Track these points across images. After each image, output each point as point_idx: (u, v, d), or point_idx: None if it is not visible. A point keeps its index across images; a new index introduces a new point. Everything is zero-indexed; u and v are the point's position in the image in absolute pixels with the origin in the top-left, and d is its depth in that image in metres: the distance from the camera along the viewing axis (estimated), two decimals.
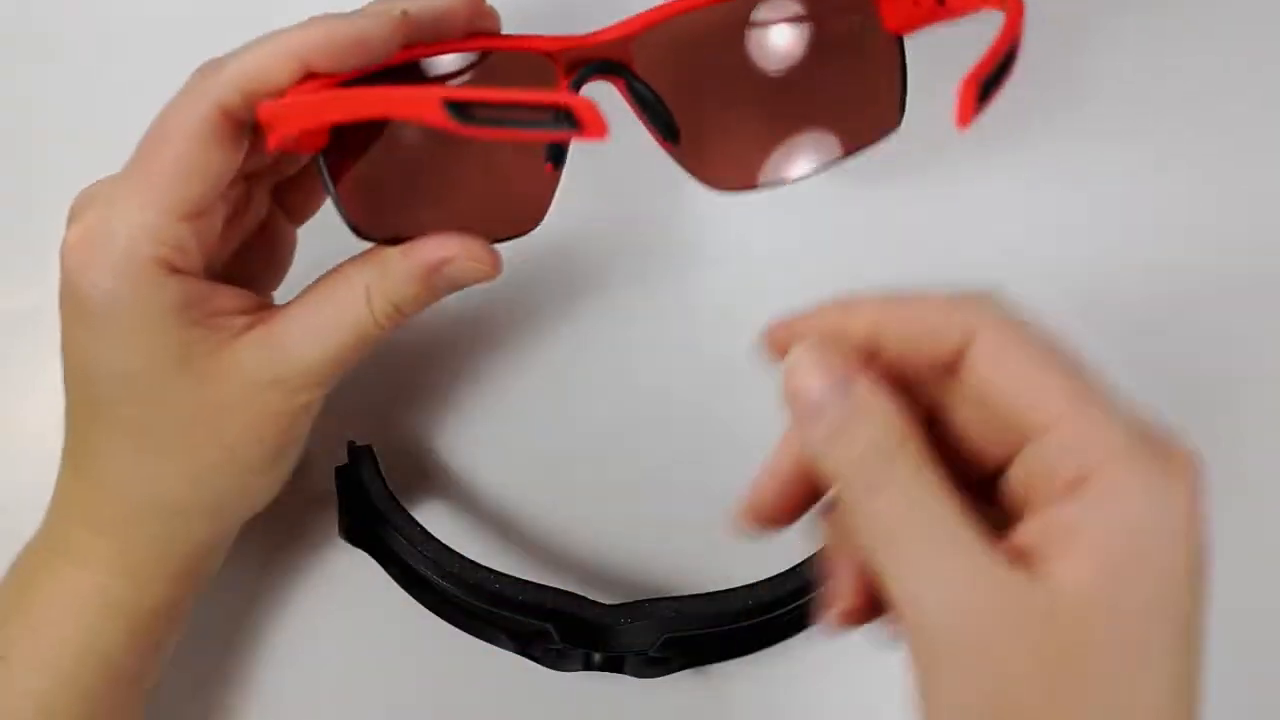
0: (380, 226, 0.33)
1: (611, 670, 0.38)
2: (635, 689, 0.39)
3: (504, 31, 0.34)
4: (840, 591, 0.28)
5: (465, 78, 0.33)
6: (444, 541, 0.37)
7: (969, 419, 0.27)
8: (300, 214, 0.37)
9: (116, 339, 0.31)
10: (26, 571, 0.34)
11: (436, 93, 0.25)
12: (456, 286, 0.33)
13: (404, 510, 0.37)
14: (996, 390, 0.25)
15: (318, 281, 0.33)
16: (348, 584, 0.40)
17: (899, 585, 0.25)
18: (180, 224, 0.30)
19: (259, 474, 0.34)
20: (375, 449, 0.38)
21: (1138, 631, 0.24)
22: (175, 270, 0.31)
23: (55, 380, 0.37)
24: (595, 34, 0.34)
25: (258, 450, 0.33)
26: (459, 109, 0.25)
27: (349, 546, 0.39)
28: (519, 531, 0.40)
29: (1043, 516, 0.25)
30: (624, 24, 0.34)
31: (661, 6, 0.34)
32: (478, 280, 0.33)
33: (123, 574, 0.33)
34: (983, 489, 0.27)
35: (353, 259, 0.33)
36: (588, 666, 0.38)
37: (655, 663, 0.38)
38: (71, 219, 0.32)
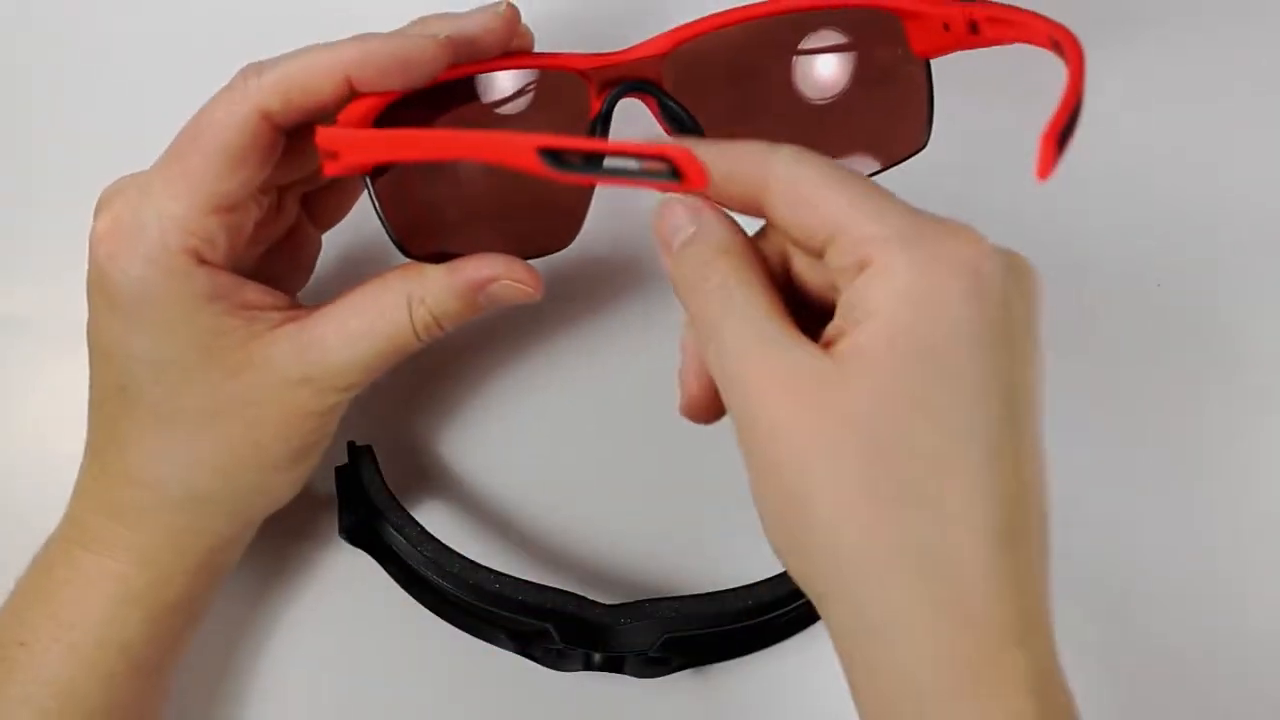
0: (425, 245, 0.33)
1: (611, 670, 0.38)
2: (635, 689, 0.39)
3: (537, 49, 0.35)
4: (685, 383, 0.31)
5: (502, 98, 0.34)
6: (444, 541, 0.37)
7: (798, 259, 0.30)
8: (326, 221, 0.38)
9: (147, 327, 0.31)
10: (47, 562, 0.34)
11: (533, 141, 0.25)
12: (499, 305, 0.33)
13: (404, 510, 0.37)
14: (792, 222, 0.28)
15: (358, 287, 0.33)
16: (348, 584, 0.40)
17: (718, 374, 0.28)
18: (211, 217, 0.31)
19: (282, 471, 0.34)
20: (375, 449, 0.38)
21: (920, 387, 0.26)
22: (204, 262, 0.31)
23: (55, 380, 0.37)
24: (627, 51, 0.34)
25: (283, 448, 0.33)
26: (555, 157, 0.25)
27: (349, 546, 0.39)
28: (519, 531, 0.40)
29: (842, 302, 0.27)
30: (655, 41, 0.34)
31: (692, 24, 0.35)
32: (519, 300, 0.33)
33: (143, 565, 0.33)
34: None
35: (397, 268, 0.33)
36: (588, 666, 0.38)
37: (655, 663, 0.38)
38: (100, 209, 0.32)
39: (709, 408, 0.30)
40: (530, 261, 0.34)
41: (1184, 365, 0.42)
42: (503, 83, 0.34)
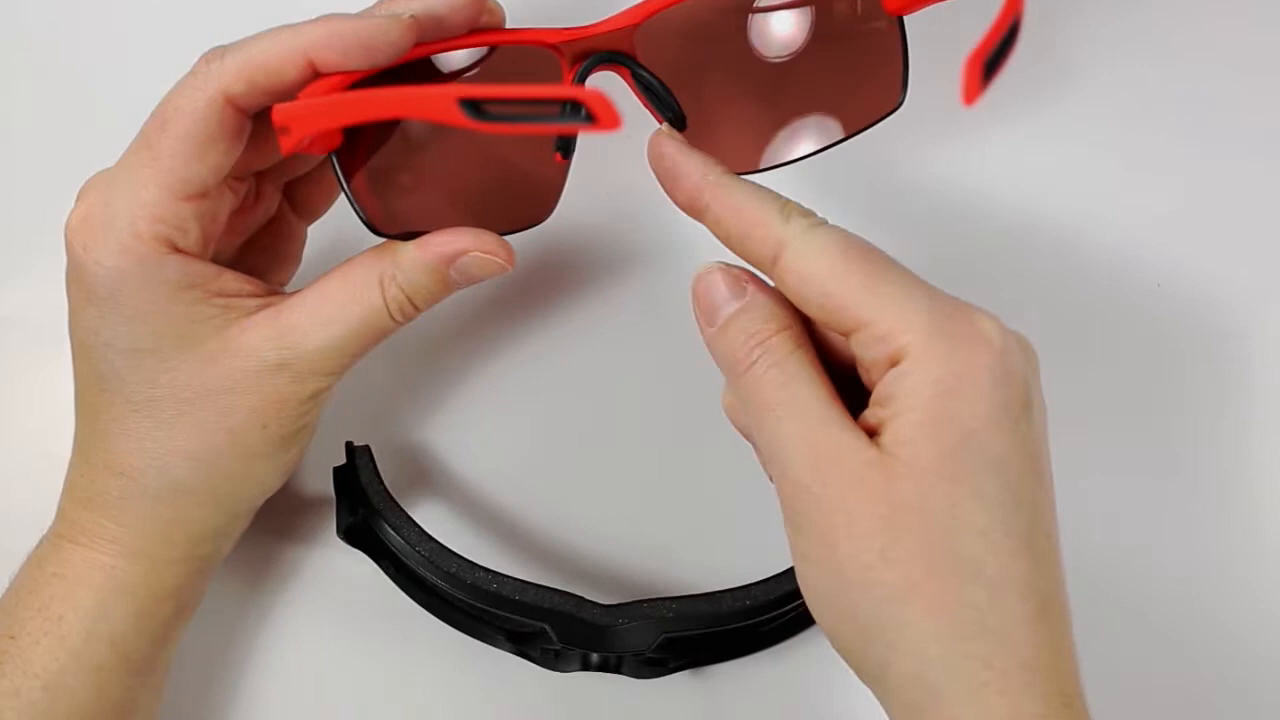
0: (395, 222, 0.33)
1: (609, 671, 0.38)
2: (633, 689, 0.39)
3: (508, 25, 0.34)
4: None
5: (471, 73, 0.34)
6: (441, 542, 0.37)
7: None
8: (311, 212, 0.38)
9: (122, 316, 0.31)
10: (38, 557, 0.34)
11: (452, 91, 0.25)
12: (471, 280, 0.33)
13: (401, 510, 0.37)
14: (808, 303, 0.29)
15: (332, 270, 0.33)
16: (345, 583, 0.40)
17: (770, 452, 0.29)
18: (181, 204, 0.31)
19: (263, 459, 0.34)
20: (373, 449, 0.38)
21: (966, 470, 0.27)
22: (176, 249, 0.31)
23: (53, 380, 0.37)
24: (598, 24, 0.34)
25: (261, 435, 0.33)
26: (474, 107, 0.25)
27: (346, 546, 0.39)
28: (517, 532, 0.40)
29: (879, 392, 0.28)
30: (626, 14, 0.34)
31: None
32: (491, 273, 0.33)
33: (129, 556, 0.33)
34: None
35: (368, 250, 0.33)
36: (585, 667, 0.38)
37: (653, 663, 0.38)
38: (76, 202, 0.32)
39: None
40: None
41: (1183, 371, 0.42)
42: (471, 59, 0.33)
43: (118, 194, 0.31)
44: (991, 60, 0.26)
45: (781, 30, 0.36)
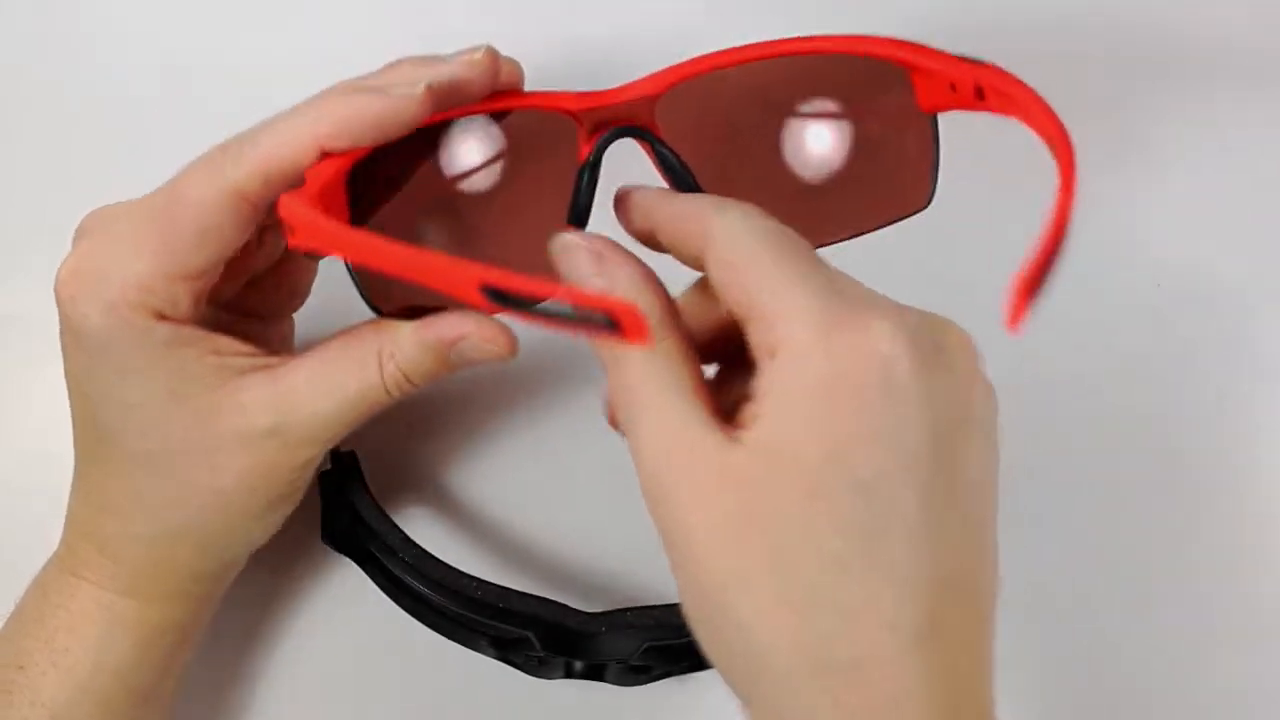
0: (396, 301, 0.32)
1: (593, 678, 0.38)
2: (616, 697, 0.39)
3: (527, 83, 0.33)
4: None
5: (487, 139, 0.32)
6: (426, 548, 0.37)
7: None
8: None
9: (112, 369, 0.31)
10: (43, 585, 0.34)
11: (475, 274, 0.23)
12: (470, 363, 0.32)
13: (387, 516, 0.37)
14: (721, 290, 0.28)
15: (331, 338, 0.33)
16: (330, 589, 0.40)
17: (629, 440, 0.28)
18: (175, 284, 0.30)
19: (251, 518, 0.33)
20: (359, 455, 0.38)
21: (823, 487, 0.25)
22: (163, 318, 0.30)
23: (55, 380, 0.37)
24: (619, 91, 0.33)
25: (249, 498, 0.33)
26: (499, 296, 0.23)
27: (332, 552, 0.39)
28: (502, 538, 0.40)
29: (755, 384, 0.27)
30: (648, 80, 0.33)
31: (686, 64, 0.33)
32: (491, 359, 0.32)
33: (126, 593, 0.33)
34: None
35: (369, 322, 0.32)
36: (569, 674, 0.38)
37: (636, 671, 0.38)
38: (73, 244, 0.32)
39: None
40: None
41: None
42: (487, 125, 0.32)
43: (112, 256, 0.30)
44: (1042, 279, 0.24)
45: (809, 116, 0.35)
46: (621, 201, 0.31)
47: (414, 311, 0.32)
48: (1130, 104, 0.44)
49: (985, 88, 0.31)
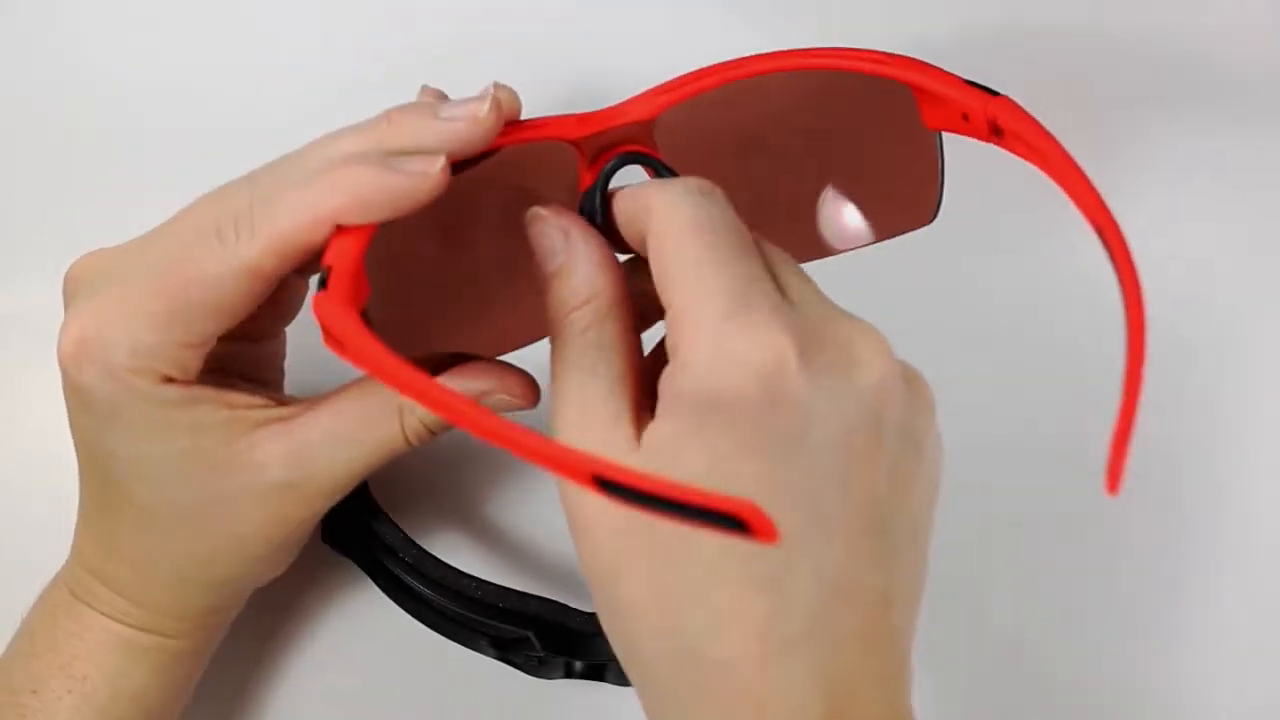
0: (414, 350, 0.30)
1: (593, 678, 0.38)
2: (616, 697, 0.39)
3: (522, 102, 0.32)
4: None
5: (491, 174, 0.31)
6: (426, 548, 0.37)
7: None
8: (309, 268, 0.37)
9: (122, 428, 0.30)
10: (52, 606, 0.34)
11: (588, 465, 0.21)
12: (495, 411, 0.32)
13: (387, 516, 0.37)
14: (652, 268, 0.28)
15: (347, 389, 0.32)
16: (330, 589, 0.40)
17: (551, 420, 0.28)
18: (185, 351, 0.29)
19: (264, 561, 0.33)
20: None
21: (702, 480, 0.25)
22: (171, 381, 0.30)
23: (55, 380, 0.37)
24: (616, 112, 0.32)
25: (265, 547, 0.32)
26: (614, 488, 0.21)
27: (332, 552, 0.39)
28: (502, 538, 0.40)
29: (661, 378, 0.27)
30: (646, 98, 0.32)
31: (681, 81, 0.32)
32: (514, 409, 0.32)
33: (144, 628, 0.33)
34: None
35: None
36: (569, 674, 0.38)
37: None
38: (70, 298, 0.31)
39: None
40: None
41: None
42: (488, 163, 0.31)
43: (118, 324, 0.29)
44: (1129, 436, 0.24)
45: (812, 130, 0.34)
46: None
47: (432, 361, 0.32)
48: (1128, 102, 0.44)
49: (1003, 127, 0.30)
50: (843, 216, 0.33)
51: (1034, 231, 0.42)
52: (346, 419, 0.31)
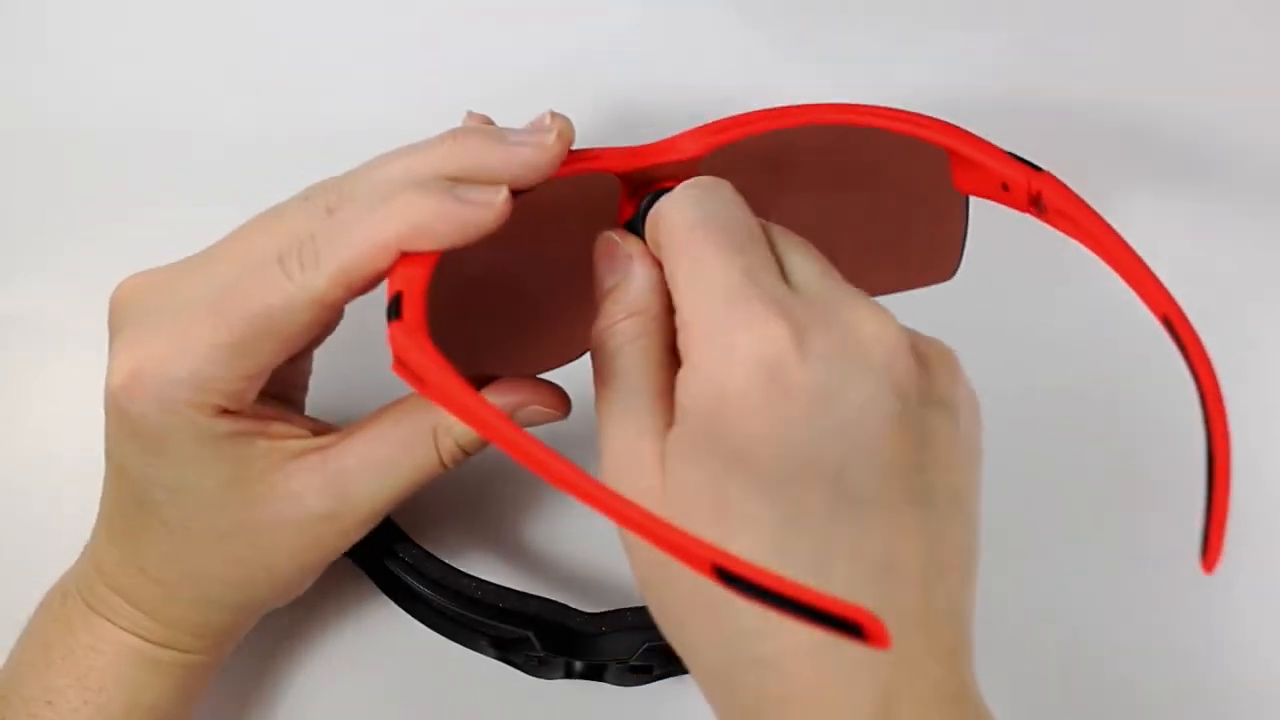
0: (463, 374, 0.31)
1: (592, 678, 0.38)
2: (616, 697, 0.39)
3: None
4: None
5: (538, 202, 0.30)
6: (427, 548, 0.37)
7: None
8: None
9: (166, 459, 0.30)
10: (67, 620, 0.34)
11: (708, 555, 0.22)
12: (527, 426, 0.32)
13: (387, 516, 0.37)
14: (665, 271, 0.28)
15: (380, 415, 0.32)
16: (329, 588, 0.39)
17: (600, 448, 0.29)
18: (245, 382, 0.29)
19: (294, 586, 0.34)
20: None
21: (717, 496, 0.26)
22: (226, 413, 0.30)
23: (56, 380, 0.37)
24: (662, 149, 0.32)
25: (298, 574, 0.33)
26: (732, 579, 0.22)
27: None
28: (501, 538, 0.40)
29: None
30: (694, 138, 0.32)
31: (731, 123, 0.32)
32: (547, 421, 0.32)
33: (163, 644, 0.33)
34: None
35: (417, 395, 0.31)
36: (569, 674, 0.38)
37: (636, 671, 0.38)
38: (119, 325, 0.30)
39: None
40: None
41: None
42: (538, 192, 0.30)
43: (179, 360, 0.28)
44: (1225, 519, 0.25)
45: (841, 180, 0.34)
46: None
47: (474, 383, 0.31)
48: (1128, 106, 0.45)
49: (1047, 204, 0.31)
50: (862, 267, 0.33)
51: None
52: (382, 446, 0.31)
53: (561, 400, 0.32)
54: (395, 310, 0.26)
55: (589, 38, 0.47)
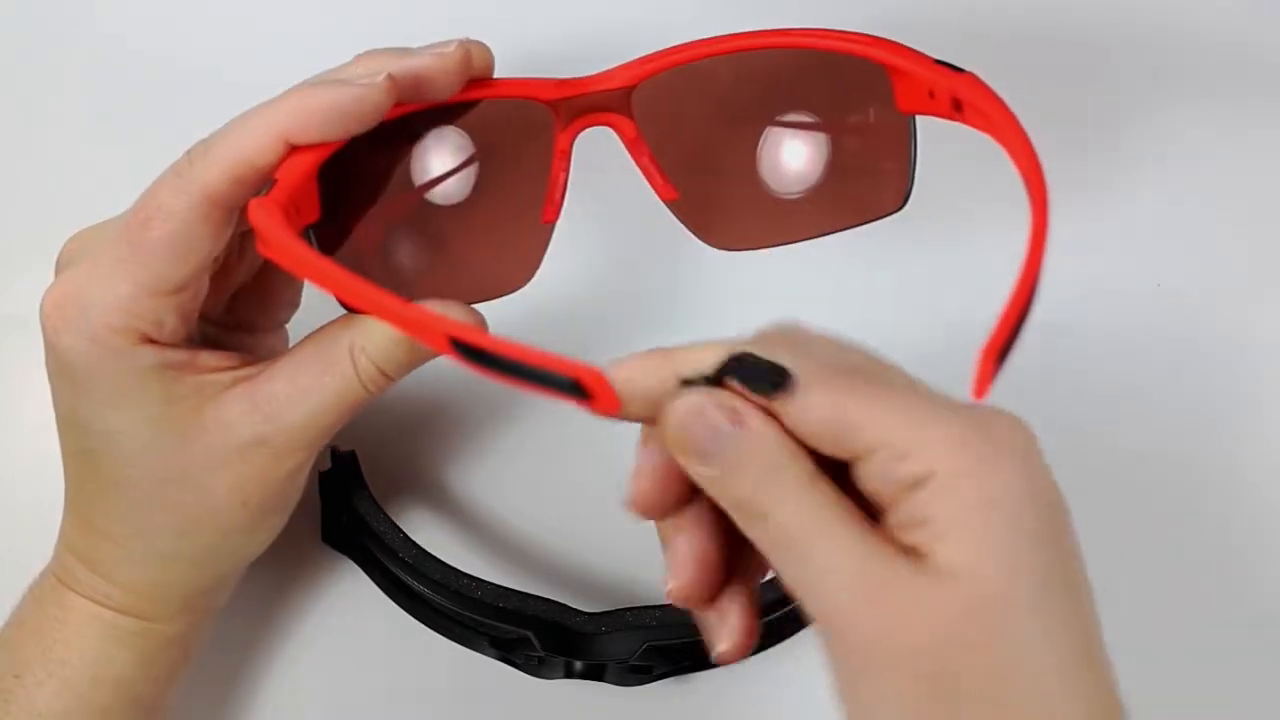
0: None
1: (593, 679, 0.38)
2: (616, 697, 0.39)
3: (499, 70, 0.33)
4: (639, 482, 0.29)
5: (457, 126, 0.32)
6: (426, 548, 0.37)
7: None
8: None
9: (96, 399, 0.31)
10: (39, 595, 0.34)
11: (444, 327, 0.23)
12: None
13: (387, 516, 0.37)
14: (810, 431, 0.26)
15: (305, 340, 0.32)
16: (330, 588, 0.40)
17: (814, 594, 0.25)
18: (159, 300, 0.30)
19: (244, 532, 0.33)
20: (359, 454, 0.38)
21: (1019, 593, 0.24)
22: (150, 341, 0.30)
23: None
24: (596, 79, 0.32)
25: (242, 512, 0.32)
26: (467, 351, 0.23)
27: (332, 551, 0.39)
28: (502, 538, 0.40)
29: (903, 515, 0.25)
30: (626, 69, 0.32)
31: (664, 54, 0.32)
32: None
33: (125, 611, 0.33)
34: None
35: (340, 319, 0.32)
36: (569, 674, 0.38)
37: (636, 671, 0.38)
38: (57, 270, 0.32)
39: (660, 505, 0.29)
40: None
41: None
42: (460, 115, 0.31)
43: (95, 285, 0.30)
44: (1004, 352, 0.24)
45: (786, 109, 0.34)
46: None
47: None
48: (1129, 99, 0.44)
49: (963, 100, 0.30)
50: (813, 197, 0.34)
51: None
52: (303, 368, 0.31)
53: (472, 318, 0.31)
54: (266, 191, 0.28)
55: None
